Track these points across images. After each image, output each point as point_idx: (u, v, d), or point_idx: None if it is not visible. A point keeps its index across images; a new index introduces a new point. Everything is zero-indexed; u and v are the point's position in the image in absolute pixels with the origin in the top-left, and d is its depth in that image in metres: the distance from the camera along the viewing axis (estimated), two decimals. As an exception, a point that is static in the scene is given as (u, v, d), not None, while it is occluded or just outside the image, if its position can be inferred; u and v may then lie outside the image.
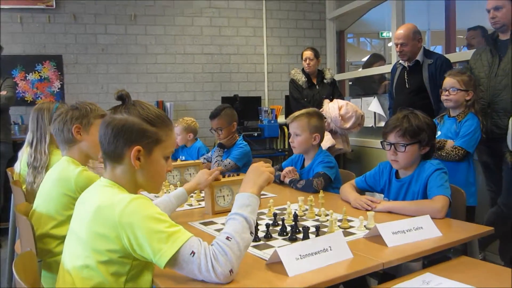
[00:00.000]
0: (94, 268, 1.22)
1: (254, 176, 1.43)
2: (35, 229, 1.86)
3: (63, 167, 1.95)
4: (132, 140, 1.31)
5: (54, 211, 1.91)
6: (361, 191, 2.28)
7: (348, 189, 2.23)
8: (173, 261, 1.18)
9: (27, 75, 5.03)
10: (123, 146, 1.31)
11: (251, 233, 1.29)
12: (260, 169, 1.45)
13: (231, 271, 1.20)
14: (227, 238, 1.23)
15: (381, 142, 2.15)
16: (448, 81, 2.82)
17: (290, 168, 2.71)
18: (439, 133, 2.81)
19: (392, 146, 2.05)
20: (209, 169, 2.42)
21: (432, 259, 1.65)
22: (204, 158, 3.50)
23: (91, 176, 1.89)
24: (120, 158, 1.32)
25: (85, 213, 1.28)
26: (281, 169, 2.82)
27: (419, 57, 3.43)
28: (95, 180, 1.47)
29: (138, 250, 1.19)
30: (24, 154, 2.97)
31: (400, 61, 3.57)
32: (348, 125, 4.19)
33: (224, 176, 2.16)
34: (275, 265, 1.31)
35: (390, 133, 2.07)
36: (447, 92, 2.81)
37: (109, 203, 1.22)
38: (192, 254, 1.18)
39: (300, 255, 1.31)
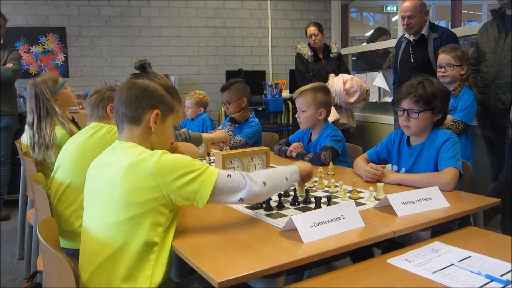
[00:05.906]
0: (136, 220, 1.28)
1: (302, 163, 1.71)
2: (53, 198, 1.91)
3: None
4: (152, 103, 1.42)
5: None
6: (375, 164, 2.24)
7: (360, 163, 2.20)
8: (214, 191, 1.31)
9: (30, 47, 5.00)
10: (143, 108, 1.41)
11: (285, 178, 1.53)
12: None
13: (264, 182, 1.40)
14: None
15: (394, 107, 2.13)
16: (443, 57, 2.88)
17: (296, 144, 2.73)
18: None
19: (405, 112, 2.04)
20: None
21: (438, 230, 1.70)
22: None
23: None
24: (139, 120, 1.42)
25: (112, 173, 1.34)
26: (288, 143, 2.85)
27: (424, 31, 3.41)
28: None
29: (179, 192, 1.29)
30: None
31: (405, 35, 3.56)
32: (352, 99, 4.20)
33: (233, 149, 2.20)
34: (289, 232, 1.36)
35: (404, 99, 2.05)
36: (443, 68, 2.87)
37: (141, 158, 1.31)
38: (229, 176, 1.35)
39: (314, 223, 1.35)
